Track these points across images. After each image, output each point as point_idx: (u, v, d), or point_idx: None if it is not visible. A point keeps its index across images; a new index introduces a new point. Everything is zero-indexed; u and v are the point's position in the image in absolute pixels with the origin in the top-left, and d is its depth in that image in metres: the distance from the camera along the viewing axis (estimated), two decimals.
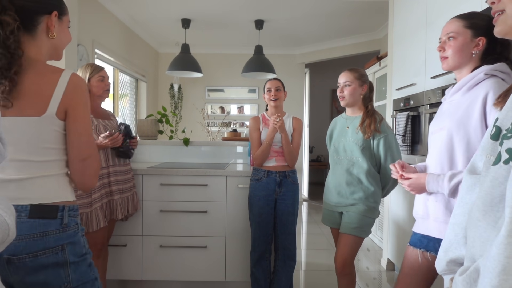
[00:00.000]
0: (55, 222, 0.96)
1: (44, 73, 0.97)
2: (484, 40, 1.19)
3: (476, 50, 1.20)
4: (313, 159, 7.35)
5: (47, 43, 1.02)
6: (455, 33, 1.22)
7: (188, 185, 2.38)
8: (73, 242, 1.00)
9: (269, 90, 2.23)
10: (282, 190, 2.17)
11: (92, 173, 1.04)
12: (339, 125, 1.98)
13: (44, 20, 0.99)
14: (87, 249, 1.05)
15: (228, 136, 3.41)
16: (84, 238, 1.05)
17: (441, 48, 1.26)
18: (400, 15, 2.83)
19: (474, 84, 1.19)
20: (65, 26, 1.06)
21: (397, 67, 2.85)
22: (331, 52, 5.36)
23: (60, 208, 0.97)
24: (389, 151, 1.83)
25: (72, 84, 0.97)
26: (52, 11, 1.00)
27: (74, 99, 0.97)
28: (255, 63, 4.27)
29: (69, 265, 0.98)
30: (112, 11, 3.88)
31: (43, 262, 0.94)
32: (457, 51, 1.21)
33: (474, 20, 1.21)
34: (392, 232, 2.85)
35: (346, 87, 1.87)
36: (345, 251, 1.84)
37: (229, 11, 4.06)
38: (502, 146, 0.64)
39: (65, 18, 1.06)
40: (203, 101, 5.73)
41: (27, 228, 0.93)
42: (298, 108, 5.61)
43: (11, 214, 0.66)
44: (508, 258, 0.52)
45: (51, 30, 1.00)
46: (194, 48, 4.70)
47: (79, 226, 1.03)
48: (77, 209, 1.04)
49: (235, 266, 2.40)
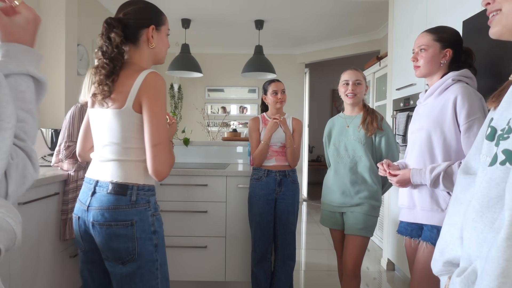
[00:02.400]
0: (125, 199, 1.13)
1: (131, 74, 1.15)
2: (450, 51, 1.40)
3: (444, 60, 1.41)
4: (313, 159, 7.35)
5: (148, 51, 1.22)
6: (426, 45, 1.42)
7: (188, 185, 2.38)
8: (142, 219, 1.14)
9: (275, 93, 2.21)
10: (282, 190, 2.17)
11: (162, 160, 1.13)
12: (338, 125, 1.98)
13: (144, 33, 1.20)
14: (157, 230, 1.19)
15: (228, 136, 3.41)
16: (156, 218, 1.19)
17: (414, 59, 1.46)
18: (400, 15, 2.83)
19: (444, 88, 1.39)
20: (163, 35, 1.25)
21: (397, 67, 2.85)
22: (331, 52, 5.36)
23: (130, 187, 1.14)
24: (390, 149, 1.86)
25: (145, 82, 1.12)
26: (150, 25, 1.20)
27: (145, 94, 1.12)
28: (255, 63, 4.27)
29: (136, 240, 1.13)
30: (112, 11, 3.88)
31: (116, 232, 1.12)
32: (428, 61, 1.42)
33: (442, 34, 1.41)
34: (392, 232, 2.85)
35: (357, 85, 1.88)
36: (355, 252, 1.82)
37: (229, 11, 4.06)
38: (499, 147, 0.63)
39: (163, 28, 1.25)
40: (203, 101, 5.73)
41: (106, 201, 1.13)
42: (298, 108, 5.61)
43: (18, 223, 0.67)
44: (507, 261, 0.52)
45: (150, 41, 1.21)
46: (194, 48, 4.70)
47: (151, 205, 1.18)
48: (148, 189, 1.18)
49: (235, 266, 2.40)
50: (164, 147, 1.13)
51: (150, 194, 1.19)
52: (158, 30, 1.23)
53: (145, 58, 1.22)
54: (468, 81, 1.38)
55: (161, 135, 1.13)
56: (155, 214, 1.19)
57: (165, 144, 1.14)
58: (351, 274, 1.84)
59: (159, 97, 1.14)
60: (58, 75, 2.64)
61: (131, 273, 1.14)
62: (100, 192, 1.15)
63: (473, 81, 1.39)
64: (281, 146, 2.20)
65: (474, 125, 1.29)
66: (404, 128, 2.48)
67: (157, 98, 1.13)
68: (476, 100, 1.30)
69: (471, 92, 1.32)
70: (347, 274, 1.85)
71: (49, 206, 1.85)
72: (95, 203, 1.14)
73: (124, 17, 1.19)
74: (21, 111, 0.72)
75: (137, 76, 1.13)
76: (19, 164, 0.69)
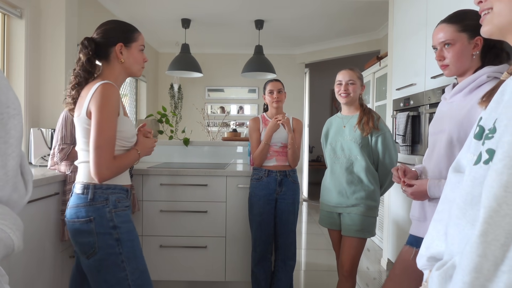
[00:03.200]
0: (84, 197, 1.27)
1: (90, 86, 1.29)
2: (481, 39, 1.17)
3: (477, 51, 1.19)
4: (313, 159, 7.36)
5: (119, 66, 1.36)
6: (451, 39, 1.20)
7: (188, 185, 2.37)
8: (100, 215, 1.26)
9: (271, 92, 2.22)
10: (282, 190, 2.17)
11: (101, 162, 1.22)
12: (335, 125, 1.98)
13: (113, 50, 1.34)
14: (118, 226, 1.28)
15: (228, 136, 3.41)
16: (116, 214, 1.29)
17: (440, 57, 1.24)
18: (400, 15, 2.83)
19: (476, 86, 1.16)
20: (134, 51, 1.37)
21: (397, 67, 2.85)
22: (331, 52, 5.36)
23: (87, 186, 1.27)
24: (387, 149, 1.84)
25: (96, 91, 1.25)
26: (118, 43, 1.33)
27: (93, 101, 1.24)
28: (255, 63, 4.27)
29: (96, 235, 1.25)
30: (112, 11, 3.88)
31: (78, 227, 1.26)
32: (458, 58, 1.20)
33: (466, 21, 1.19)
34: (392, 232, 2.85)
35: (350, 85, 1.88)
36: (352, 254, 1.82)
37: (229, 11, 4.06)
38: (484, 146, 0.64)
39: (134, 44, 1.37)
40: (203, 101, 5.73)
41: (72, 200, 1.30)
42: (298, 108, 5.61)
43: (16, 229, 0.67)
44: (480, 257, 0.54)
45: (119, 57, 1.34)
46: (194, 48, 4.70)
47: (109, 202, 1.28)
48: (107, 187, 1.29)
49: (235, 266, 2.40)
50: (104, 151, 1.23)
51: (110, 192, 1.30)
52: (127, 47, 1.36)
53: (116, 72, 1.36)
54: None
55: (101, 139, 1.22)
56: (115, 210, 1.29)
57: (105, 148, 1.23)
58: (347, 274, 1.85)
59: (105, 104, 1.24)
60: (58, 75, 2.65)
61: (97, 265, 1.26)
62: (73, 192, 1.32)
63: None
64: (281, 146, 2.19)
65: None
66: (404, 128, 2.48)
67: (102, 105, 1.23)
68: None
69: None
70: (342, 274, 1.87)
71: (50, 206, 1.85)
72: (69, 202, 1.31)
73: (97, 36, 1.36)
74: None
75: (92, 87, 1.27)
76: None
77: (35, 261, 1.73)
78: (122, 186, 1.35)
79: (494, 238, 0.54)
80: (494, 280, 0.53)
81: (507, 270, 0.52)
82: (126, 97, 4.86)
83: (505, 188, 0.54)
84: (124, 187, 1.36)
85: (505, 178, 0.54)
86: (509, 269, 0.52)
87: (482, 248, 0.55)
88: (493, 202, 0.55)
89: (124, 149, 1.34)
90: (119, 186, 1.33)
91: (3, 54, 2.49)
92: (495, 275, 0.53)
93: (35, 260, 1.73)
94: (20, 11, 2.46)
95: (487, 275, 0.54)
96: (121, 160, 1.29)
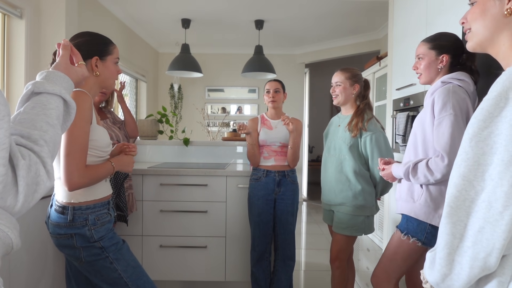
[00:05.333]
0: (64, 217, 1.29)
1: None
2: (447, 56, 1.45)
3: (441, 65, 1.46)
4: (313, 159, 7.36)
5: (93, 79, 1.33)
6: (422, 54, 1.50)
7: (188, 185, 2.38)
8: (80, 233, 1.28)
9: (268, 92, 2.24)
10: (281, 190, 2.17)
11: (70, 170, 1.20)
12: (334, 124, 2.03)
13: (88, 63, 1.31)
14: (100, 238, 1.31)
15: (228, 136, 3.41)
16: (95, 231, 1.31)
17: (415, 67, 1.55)
18: (400, 15, 2.83)
19: (433, 91, 1.44)
20: (109, 64, 1.36)
21: (397, 67, 2.85)
22: (331, 52, 5.36)
23: (66, 208, 1.29)
24: (375, 150, 1.82)
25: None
26: (93, 56, 1.31)
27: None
28: (255, 63, 4.27)
29: (80, 248, 1.29)
30: (112, 11, 3.88)
31: (61, 242, 1.30)
32: (425, 68, 1.50)
33: (437, 41, 1.48)
34: (392, 232, 2.85)
35: (337, 86, 1.94)
36: (337, 247, 1.93)
37: (229, 11, 4.06)
38: None
39: (109, 57, 1.36)
40: (203, 101, 5.73)
41: (52, 216, 1.32)
42: (298, 108, 5.61)
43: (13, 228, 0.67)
44: (448, 235, 0.67)
45: (94, 70, 1.32)
46: (194, 48, 4.70)
47: (88, 221, 1.30)
48: (87, 208, 1.30)
49: (235, 266, 2.40)
50: (73, 159, 1.20)
51: (90, 212, 1.31)
52: (103, 60, 1.34)
53: (90, 84, 1.33)
54: (460, 83, 1.38)
55: (71, 147, 1.20)
56: (94, 227, 1.31)
57: (77, 155, 1.21)
58: (331, 262, 1.96)
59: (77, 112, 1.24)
60: None
61: (90, 270, 1.32)
62: (52, 205, 1.33)
63: (466, 82, 1.39)
64: (280, 146, 2.20)
65: (443, 122, 1.32)
66: (404, 128, 2.48)
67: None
68: (453, 98, 1.32)
69: (450, 91, 1.34)
70: (330, 260, 1.97)
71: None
72: (50, 216, 1.33)
73: None
74: (46, 124, 0.78)
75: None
76: (32, 167, 0.68)
77: (37, 262, 1.73)
78: (103, 201, 1.35)
79: (458, 219, 0.66)
80: (462, 254, 0.65)
81: (471, 246, 0.64)
82: (126, 97, 4.86)
83: (463, 177, 0.67)
84: (105, 200, 1.36)
85: (462, 169, 0.67)
86: (472, 245, 0.64)
87: (449, 227, 0.67)
88: (454, 189, 0.68)
89: (98, 157, 1.33)
90: (99, 204, 1.34)
91: (3, 54, 2.49)
92: (462, 250, 0.65)
93: (38, 261, 1.73)
94: (20, 11, 2.47)
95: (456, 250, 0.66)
96: (93, 170, 1.27)
